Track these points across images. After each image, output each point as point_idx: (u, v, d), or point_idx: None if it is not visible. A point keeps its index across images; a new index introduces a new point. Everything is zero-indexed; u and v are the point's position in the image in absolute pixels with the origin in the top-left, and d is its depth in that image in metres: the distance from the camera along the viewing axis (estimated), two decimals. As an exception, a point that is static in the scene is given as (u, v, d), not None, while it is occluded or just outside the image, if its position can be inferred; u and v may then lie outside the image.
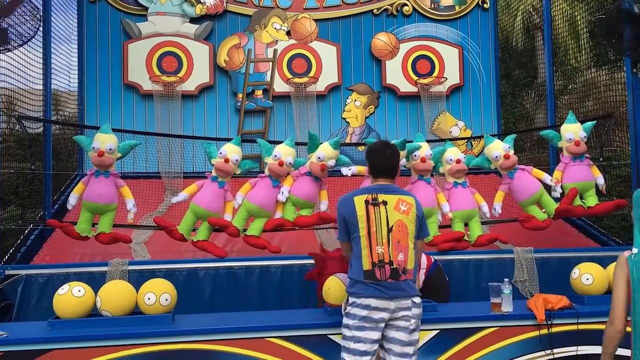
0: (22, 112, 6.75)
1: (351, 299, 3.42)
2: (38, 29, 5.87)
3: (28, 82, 6.96)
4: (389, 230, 3.40)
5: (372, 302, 3.33)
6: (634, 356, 2.79)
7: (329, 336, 3.64)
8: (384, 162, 3.62)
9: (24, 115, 6.73)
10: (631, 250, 2.88)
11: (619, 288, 2.91)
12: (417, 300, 3.44)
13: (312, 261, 5.44)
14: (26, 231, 6.45)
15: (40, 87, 7.29)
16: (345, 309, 3.45)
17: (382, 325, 3.36)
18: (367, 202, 3.44)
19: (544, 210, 5.91)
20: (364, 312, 3.34)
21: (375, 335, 3.35)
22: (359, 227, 3.41)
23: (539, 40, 10.32)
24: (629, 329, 2.89)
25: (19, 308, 5.17)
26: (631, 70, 6.00)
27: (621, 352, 3.19)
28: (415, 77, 9.13)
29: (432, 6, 9.45)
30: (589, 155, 5.97)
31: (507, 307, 3.91)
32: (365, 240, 3.39)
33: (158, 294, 3.79)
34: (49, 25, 7.41)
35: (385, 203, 3.44)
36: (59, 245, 6.18)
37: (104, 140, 5.37)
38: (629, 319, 2.87)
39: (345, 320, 3.43)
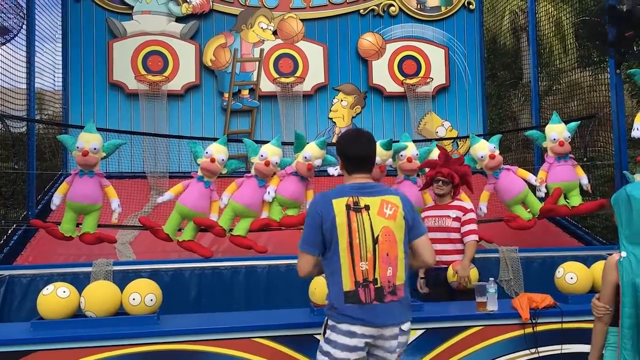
0: (5, 111, 6.69)
1: (331, 322, 2.94)
2: (21, 27, 5.82)
3: (11, 81, 6.90)
4: (375, 241, 2.89)
5: (357, 329, 2.85)
6: (621, 357, 2.83)
7: (315, 336, 3.63)
8: (357, 150, 3.06)
9: (7, 115, 6.66)
10: (619, 253, 2.90)
11: (605, 291, 2.97)
12: (406, 326, 2.97)
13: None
14: (9, 231, 6.39)
15: (24, 86, 7.23)
16: (325, 332, 2.97)
17: (365, 351, 2.92)
18: (347, 207, 2.92)
19: (528, 210, 5.96)
20: (349, 341, 2.86)
21: None
22: (339, 239, 2.88)
23: (524, 42, 10.40)
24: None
25: (2, 309, 5.11)
26: (614, 71, 6.06)
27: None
28: (401, 78, 9.17)
29: (419, 7, 9.49)
30: (573, 156, 6.03)
31: (492, 306, 3.93)
32: (346, 255, 2.87)
33: (143, 295, 3.76)
34: (33, 23, 7.35)
35: (367, 208, 2.93)
36: (43, 246, 6.13)
37: (88, 140, 5.32)
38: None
39: (325, 347, 2.94)
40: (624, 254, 2.87)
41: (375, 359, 2.95)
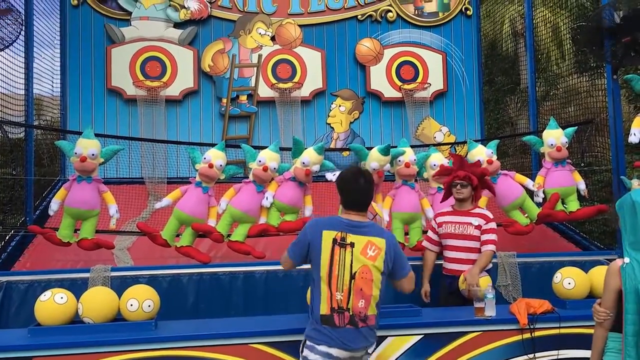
0: (3, 117, 6.68)
1: (309, 342, 3.23)
2: (20, 33, 5.83)
3: (10, 86, 6.90)
4: (352, 277, 3.19)
5: (334, 351, 3.17)
6: None
7: (313, 342, 3.63)
8: (356, 194, 3.35)
9: (5, 120, 6.66)
10: (622, 259, 2.90)
11: (606, 297, 2.95)
12: (371, 349, 3.35)
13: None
14: (7, 237, 6.38)
15: (22, 91, 7.23)
16: (303, 351, 3.27)
17: None
18: (334, 241, 3.22)
19: (526, 215, 5.96)
20: (320, 359, 3.18)
21: None
22: (321, 266, 3.22)
23: (521, 47, 10.42)
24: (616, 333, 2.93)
25: (-1, 315, 5.11)
26: (611, 77, 6.08)
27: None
28: (399, 83, 9.18)
29: (416, 13, 9.52)
30: (570, 161, 6.04)
31: (490, 312, 3.94)
32: (325, 284, 3.20)
33: (141, 300, 3.76)
34: (31, 29, 7.37)
35: (352, 245, 3.21)
36: (41, 252, 6.12)
37: (87, 146, 5.32)
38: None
39: None
40: (627, 260, 2.85)
41: None
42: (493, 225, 4.82)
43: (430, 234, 5.11)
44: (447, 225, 4.90)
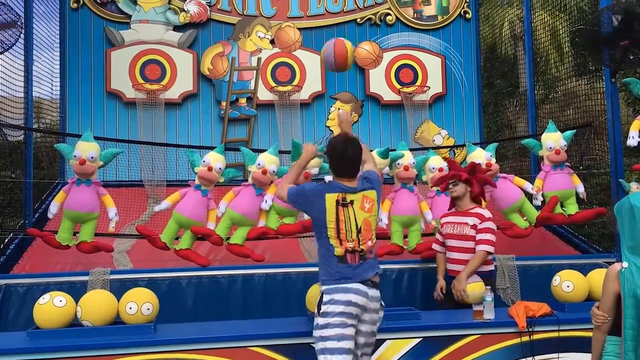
0: (2, 120, 6.69)
1: (327, 297, 3.38)
2: (19, 36, 5.83)
3: (9, 89, 6.90)
4: (358, 231, 3.46)
5: (352, 297, 3.34)
6: None
7: (313, 345, 3.64)
8: (345, 163, 3.55)
9: (4, 123, 6.66)
10: (621, 263, 2.89)
11: (605, 300, 2.94)
12: (382, 302, 3.55)
13: (295, 270, 5.46)
14: (6, 240, 6.38)
15: (22, 94, 7.23)
16: (320, 308, 3.37)
17: (356, 322, 3.39)
18: (337, 202, 3.46)
19: (525, 218, 5.97)
20: (344, 308, 3.33)
21: (353, 331, 3.37)
22: (328, 226, 3.45)
23: (520, 50, 10.44)
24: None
25: (-2, 318, 5.10)
26: (610, 80, 6.09)
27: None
28: (398, 86, 9.20)
29: (415, 16, 9.54)
30: (569, 164, 6.04)
31: (489, 315, 3.94)
32: (335, 239, 3.44)
33: (140, 304, 3.76)
34: (31, 32, 7.37)
35: (352, 203, 3.48)
36: (40, 255, 6.11)
37: (86, 149, 5.33)
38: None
39: (322, 321, 3.35)
40: (625, 264, 2.84)
41: (361, 334, 3.42)
42: (489, 224, 4.69)
43: (437, 235, 5.10)
44: (447, 225, 4.88)
